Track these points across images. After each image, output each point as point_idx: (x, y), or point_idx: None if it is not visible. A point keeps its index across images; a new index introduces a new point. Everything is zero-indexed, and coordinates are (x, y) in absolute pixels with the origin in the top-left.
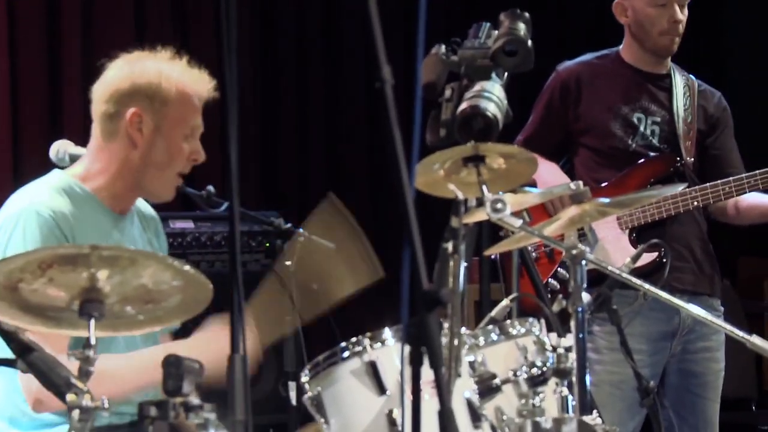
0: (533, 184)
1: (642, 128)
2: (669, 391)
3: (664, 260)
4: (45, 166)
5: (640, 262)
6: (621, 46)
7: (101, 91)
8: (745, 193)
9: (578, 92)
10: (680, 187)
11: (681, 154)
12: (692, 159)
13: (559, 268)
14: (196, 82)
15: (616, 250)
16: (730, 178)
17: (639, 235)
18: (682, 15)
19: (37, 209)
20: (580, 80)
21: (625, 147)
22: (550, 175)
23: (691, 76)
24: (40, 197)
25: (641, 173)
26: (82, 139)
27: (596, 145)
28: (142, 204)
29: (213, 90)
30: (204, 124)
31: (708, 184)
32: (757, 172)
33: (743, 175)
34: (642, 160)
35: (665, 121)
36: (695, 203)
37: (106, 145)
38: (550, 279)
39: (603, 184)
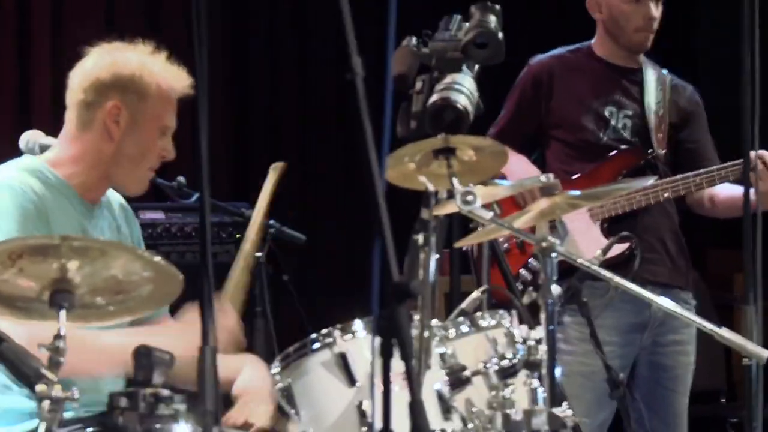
0: (503, 177)
1: (614, 122)
2: (639, 384)
3: (635, 252)
4: (15, 157)
5: (611, 254)
6: (593, 41)
7: (80, 79)
8: (716, 184)
9: (550, 86)
10: (650, 180)
11: (652, 146)
12: (664, 151)
13: (530, 260)
14: (176, 79)
15: (587, 241)
16: (701, 170)
17: (611, 226)
18: (657, 12)
19: (9, 183)
20: (553, 74)
21: (597, 140)
22: (519, 167)
23: (664, 70)
24: (11, 175)
25: (612, 166)
26: (51, 130)
27: (568, 138)
28: (111, 193)
29: (190, 88)
30: (175, 115)
31: (679, 176)
32: (728, 163)
33: (714, 167)
34: (613, 152)
35: (637, 114)
36: (666, 195)
37: (80, 134)
38: (521, 270)
39: (575, 177)
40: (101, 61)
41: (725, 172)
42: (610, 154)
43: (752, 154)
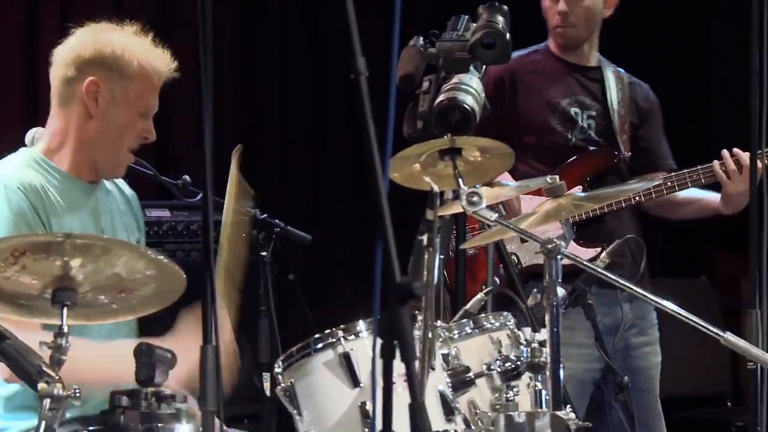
0: None
1: (580, 122)
2: (615, 388)
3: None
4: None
5: (583, 256)
6: (548, 41)
7: (63, 55)
8: (688, 188)
9: (513, 88)
10: (656, 181)
11: (619, 149)
12: (629, 153)
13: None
14: (158, 60)
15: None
16: (672, 174)
17: (579, 230)
18: (565, 6)
19: (4, 182)
20: (515, 75)
21: (566, 142)
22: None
23: (619, 69)
24: (7, 171)
25: (579, 168)
26: None
27: (536, 140)
28: (120, 182)
29: (173, 71)
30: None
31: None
32: (699, 167)
33: (685, 170)
34: (582, 155)
35: (600, 114)
36: (637, 198)
37: (61, 110)
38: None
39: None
40: (85, 38)
41: (697, 175)
42: (576, 156)
43: (724, 152)
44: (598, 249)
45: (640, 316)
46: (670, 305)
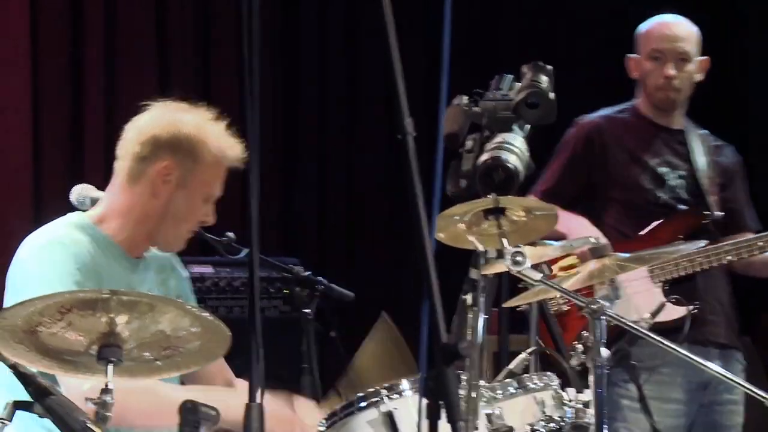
0: (563, 237)
1: (669, 181)
2: None
3: (696, 313)
4: (66, 210)
5: (670, 317)
6: (638, 100)
7: (137, 132)
8: None
9: (603, 145)
10: (701, 244)
11: (709, 208)
12: (721, 213)
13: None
14: (231, 150)
15: (646, 303)
16: (764, 233)
17: (671, 287)
18: (674, 70)
19: (59, 240)
20: (604, 133)
21: (655, 200)
22: (582, 228)
23: (704, 131)
24: (60, 232)
25: (671, 226)
26: (102, 185)
27: (625, 197)
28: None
29: (242, 161)
30: (223, 184)
31: (741, 239)
32: None
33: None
34: (673, 213)
35: (689, 175)
36: (728, 258)
37: (128, 186)
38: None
39: (639, 235)
40: (161, 117)
41: None
42: (670, 215)
43: None
44: (689, 307)
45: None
46: (714, 366)
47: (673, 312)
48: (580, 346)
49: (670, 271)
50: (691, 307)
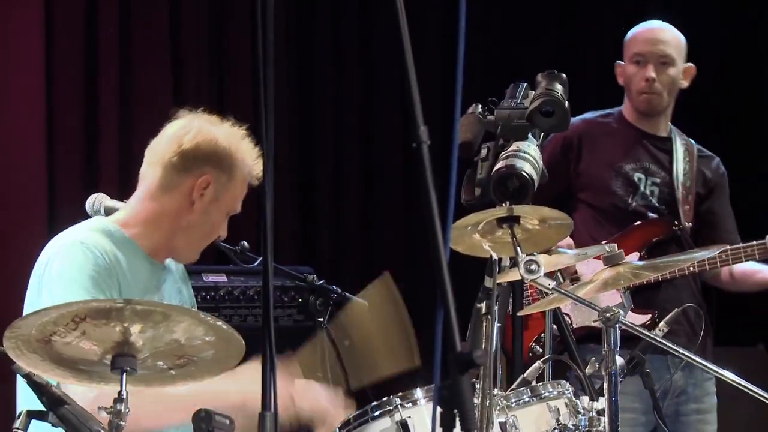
0: None
1: (642, 188)
2: None
3: (657, 321)
4: (81, 219)
5: (635, 322)
6: (623, 106)
7: (174, 141)
8: (741, 262)
9: (580, 148)
10: (715, 251)
11: (680, 219)
12: (690, 224)
13: (541, 333)
14: (256, 169)
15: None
16: (727, 247)
17: (633, 296)
18: (654, 73)
19: (81, 241)
20: (582, 137)
21: (626, 206)
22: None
23: (690, 140)
24: (83, 235)
25: (640, 234)
26: (117, 193)
27: (596, 202)
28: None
29: (259, 179)
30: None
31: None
32: (754, 242)
33: (740, 244)
34: (641, 221)
35: (664, 182)
36: (691, 269)
37: (159, 194)
38: (532, 344)
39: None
40: (199, 130)
41: (752, 250)
42: (638, 222)
43: None
44: (649, 315)
45: (693, 383)
46: (728, 374)
47: (635, 320)
48: (538, 348)
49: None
50: (650, 315)
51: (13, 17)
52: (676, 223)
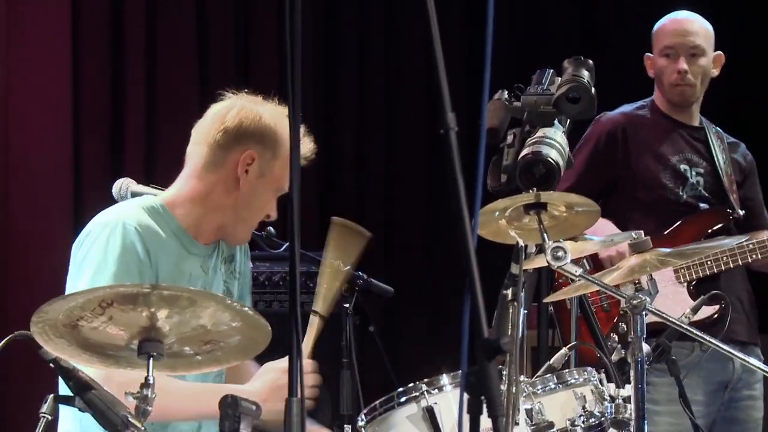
0: None
1: (690, 178)
2: None
3: (724, 312)
4: (107, 204)
5: (702, 315)
6: (654, 97)
7: (218, 120)
8: None
9: (625, 142)
10: (743, 239)
11: (732, 207)
12: (742, 212)
13: (620, 322)
14: (303, 145)
15: (675, 303)
16: None
17: (696, 288)
18: (686, 65)
19: (124, 221)
20: (626, 130)
21: (676, 198)
22: (607, 230)
23: (719, 129)
24: (129, 212)
25: (697, 225)
26: (142, 178)
27: (644, 195)
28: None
29: (310, 158)
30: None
31: (764, 238)
32: None
33: None
34: (697, 211)
35: (707, 172)
36: (754, 256)
37: (205, 173)
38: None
39: (664, 234)
40: (243, 108)
41: None
42: (695, 213)
43: None
44: (717, 307)
45: (747, 369)
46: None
47: (704, 310)
48: (615, 337)
49: (696, 270)
50: (717, 306)
51: (41, 17)
52: (730, 211)
